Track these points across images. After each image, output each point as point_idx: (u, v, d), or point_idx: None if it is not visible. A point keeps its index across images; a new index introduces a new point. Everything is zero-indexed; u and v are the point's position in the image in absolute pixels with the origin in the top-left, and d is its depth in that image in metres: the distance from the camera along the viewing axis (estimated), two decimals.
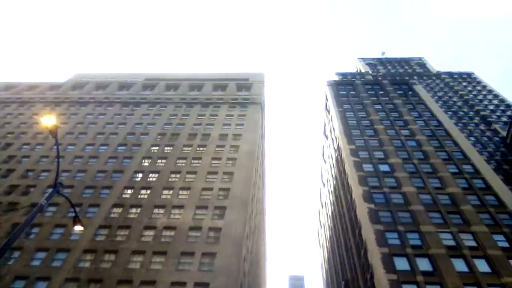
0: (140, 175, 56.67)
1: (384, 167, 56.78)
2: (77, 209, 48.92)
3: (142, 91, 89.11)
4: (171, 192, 52.42)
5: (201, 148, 62.87)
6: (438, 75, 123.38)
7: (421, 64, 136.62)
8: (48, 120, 22.19)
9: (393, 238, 43.06)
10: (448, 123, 69.36)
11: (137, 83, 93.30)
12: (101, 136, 68.31)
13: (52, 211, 49.35)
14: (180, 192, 52.43)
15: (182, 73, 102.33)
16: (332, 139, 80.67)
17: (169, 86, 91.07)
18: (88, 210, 49.76)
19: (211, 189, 52.61)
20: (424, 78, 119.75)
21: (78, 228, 17.71)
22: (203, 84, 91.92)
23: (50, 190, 53.41)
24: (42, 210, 15.36)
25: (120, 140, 66.40)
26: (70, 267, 41.31)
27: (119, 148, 64.08)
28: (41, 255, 43.13)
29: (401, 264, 39.84)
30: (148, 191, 52.73)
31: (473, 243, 41.88)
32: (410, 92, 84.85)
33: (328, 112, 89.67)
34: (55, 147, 60.16)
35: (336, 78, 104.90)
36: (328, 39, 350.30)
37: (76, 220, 17.53)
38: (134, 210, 49.55)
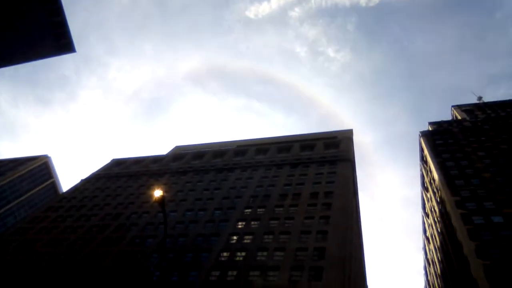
0: (235, 237, 57.95)
1: (497, 219, 50.89)
2: (179, 273, 51.49)
3: (234, 157, 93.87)
4: (265, 253, 52.32)
5: (293, 208, 62.80)
6: None
7: None
8: (157, 192, 25.72)
9: None
10: None
11: (229, 151, 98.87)
12: (199, 201, 72.37)
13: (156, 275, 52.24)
14: (275, 253, 52.07)
15: (270, 137, 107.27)
16: (433, 191, 75.16)
17: (259, 150, 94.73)
18: (190, 274, 51.48)
19: (305, 249, 51.40)
20: None
21: None
22: (291, 145, 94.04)
23: (155, 255, 57.32)
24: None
25: (216, 204, 69.54)
26: None
27: (216, 212, 66.98)
28: None
29: None
30: (244, 253, 53.28)
31: None
32: None
33: (425, 163, 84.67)
34: (160, 214, 65.27)
35: (430, 127, 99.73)
36: (413, 87, 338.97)
37: None
38: (230, 272, 50.11)
